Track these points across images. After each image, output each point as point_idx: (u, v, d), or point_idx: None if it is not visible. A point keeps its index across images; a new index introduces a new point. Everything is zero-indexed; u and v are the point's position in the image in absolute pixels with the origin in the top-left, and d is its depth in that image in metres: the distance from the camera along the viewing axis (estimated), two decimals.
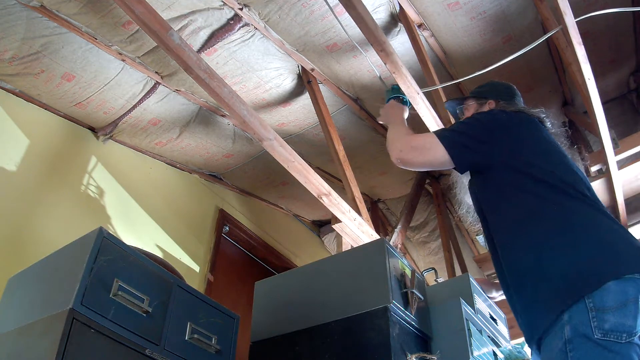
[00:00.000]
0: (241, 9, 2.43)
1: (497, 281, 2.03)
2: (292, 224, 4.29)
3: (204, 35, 2.50)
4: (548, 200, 1.30)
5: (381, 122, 1.84)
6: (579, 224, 1.24)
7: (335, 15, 2.28)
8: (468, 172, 1.56)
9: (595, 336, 1.07)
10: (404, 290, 1.65)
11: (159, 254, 2.81)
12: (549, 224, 1.26)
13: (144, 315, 1.41)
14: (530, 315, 1.26)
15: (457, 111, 1.91)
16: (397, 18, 2.63)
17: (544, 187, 1.32)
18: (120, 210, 2.77)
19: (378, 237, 2.58)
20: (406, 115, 1.93)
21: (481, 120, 1.53)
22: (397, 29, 2.68)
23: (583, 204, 1.28)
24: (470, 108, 1.79)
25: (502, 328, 2.19)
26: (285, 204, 4.13)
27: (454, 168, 1.50)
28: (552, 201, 1.29)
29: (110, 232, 1.43)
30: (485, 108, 1.73)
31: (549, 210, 1.28)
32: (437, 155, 1.48)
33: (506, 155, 1.42)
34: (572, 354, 1.09)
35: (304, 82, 2.92)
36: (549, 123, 1.58)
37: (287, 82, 2.92)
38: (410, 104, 2.40)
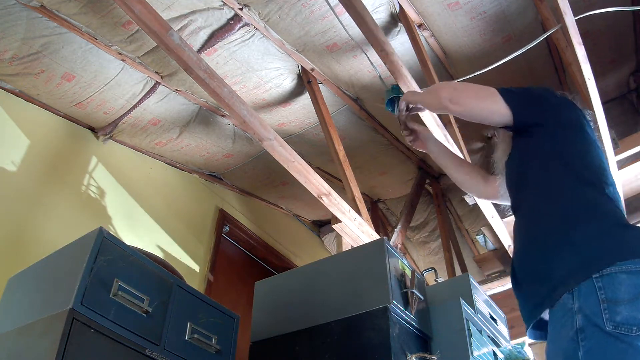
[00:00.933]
0: (241, 9, 2.43)
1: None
2: (292, 224, 4.29)
3: (204, 35, 2.50)
4: (584, 184, 1.31)
5: (404, 105, 1.78)
6: (600, 213, 1.26)
7: (335, 15, 2.28)
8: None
9: (607, 328, 1.07)
10: (404, 290, 1.65)
11: (159, 254, 2.81)
12: (574, 202, 1.29)
13: (144, 315, 1.41)
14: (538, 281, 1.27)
15: None
16: (397, 18, 2.63)
17: (582, 171, 1.34)
18: (120, 210, 2.77)
19: (378, 237, 2.58)
20: None
21: (538, 90, 1.54)
22: (397, 29, 2.68)
23: (609, 200, 1.31)
24: None
25: (502, 328, 2.19)
26: (285, 204, 4.13)
27: (505, 126, 1.48)
28: (586, 186, 1.31)
29: (110, 232, 1.43)
30: None
31: (580, 194, 1.30)
32: (494, 105, 1.45)
33: (555, 125, 1.43)
34: (584, 342, 1.09)
35: (304, 82, 2.92)
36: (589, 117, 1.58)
37: (287, 82, 2.92)
38: None
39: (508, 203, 1.60)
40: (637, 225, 2.93)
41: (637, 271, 1.11)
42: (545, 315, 1.25)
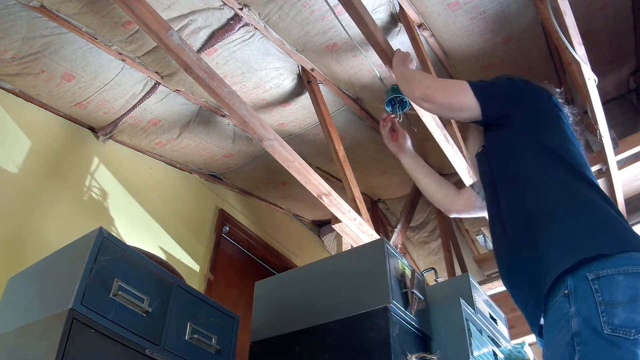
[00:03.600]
0: (241, 9, 2.43)
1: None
2: (292, 224, 4.29)
3: (204, 35, 2.50)
4: (559, 170, 1.30)
5: (394, 72, 1.83)
6: (583, 203, 1.24)
7: (335, 15, 2.28)
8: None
9: (605, 331, 1.05)
10: (404, 290, 1.65)
11: (159, 254, 2.80)
12: (556, 191, 1.26)
13: (144, 315, 1.41)
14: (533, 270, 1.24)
15: None
16: (397, 18, 2.63)
17: (556, 159, 1.32)
18: (120, 210, 2.77)
19: (378, 237, 2.59)
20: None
21: (511, 80, 1.53)
22: (397, 29, 2.68)
23: (591, 188, 1.28)
24: None
25: (502, 328, 2.19)
26: (285, 204, 4.13)
27: (476, 121, 1.48)
28: (561, 172, 1.29)
29: (110, 232, 1.43)
30: None
31: (557, 180, 1.28)
32: (463, 101, 1.45)
33: (528, 117, 1.41)
34: (580, 347, 1.06)
35: (304, 82, 2.92)
36: (564, 105, 1.55)
37: (287, 82, 2.92)
38: (410, 104, 2.40)
39: (482, 215, 1.58)
40: (636, 225, 2.94)
41: (634, 272, 1.09)
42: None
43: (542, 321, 1.22)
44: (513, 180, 1.36)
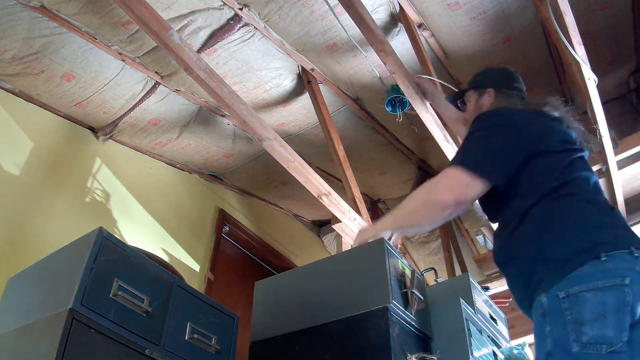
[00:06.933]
0: (241, 9, 2.43)
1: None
2: (292, 224, 4.29)
3: (204, 35, 2.50)
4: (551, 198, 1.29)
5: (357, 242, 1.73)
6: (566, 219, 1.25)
7: (335, 15, 2.28)
8: None
9: (574, 350, 1.05)
10: (404, 290, 1.65)
11: (159, 254, 2.80)
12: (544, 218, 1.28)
13: (144, 315, 1.41)
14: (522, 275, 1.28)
15: (459, 104, 1.90)
16: (397, 18, 2.63)
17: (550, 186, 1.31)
18: (120, 210, 2.77)
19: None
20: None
21: (493, 127, 1.44)
22: (397, 29, 2.68)
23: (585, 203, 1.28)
24: (471, 99, 1.75)
25: (502, 328, 2.19)
26: (285, 204, 4.13)
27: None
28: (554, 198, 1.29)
29: (110, 232, 1.43)
30: (485, 97, 1.69)
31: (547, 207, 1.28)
32: (472, 189, 1.34)
33: (525, 151, 1.37)
34: None
35: (304, 82, 2.92)
36: (556, 112, 1.48)
37: (287, 82, 2.92)
38: (410, 104, 2.40)
39: None
40: (636, 225, 2.94)
41: (604, 287, 1.08)
42: None
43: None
44: (512, 197, 1.36)
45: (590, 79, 2.26)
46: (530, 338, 3.11)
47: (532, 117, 1.46)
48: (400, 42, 2.72)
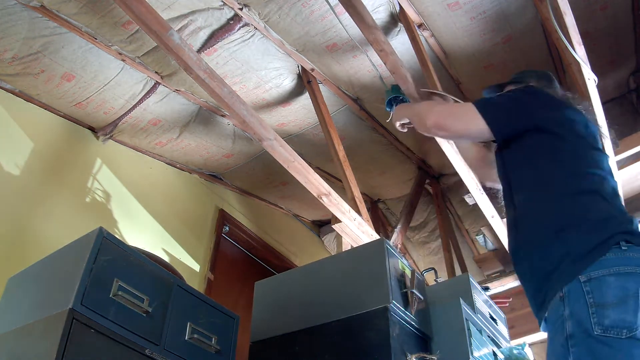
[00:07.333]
0: (241, 9, 2.43)
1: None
2: (292, 224, 4.29)
3: (204, 35, 2.50)
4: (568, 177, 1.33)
5: (397, 122, 1.90)
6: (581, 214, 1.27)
7: (335, 14, 2.28)
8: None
9: (595, 332, 1.07)
10: (404, 290, 1.65)
11: (159, 254, 2.80)
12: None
13: (144, 315, 1.41)
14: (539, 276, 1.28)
15: None
16: (397, 18, 2.63)
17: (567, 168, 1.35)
18: (120, 210, 2.77)
19: (378, 237, 2.58)
20: None
21: (523, 92, 1.55)
22: (397, 29, 2.68)
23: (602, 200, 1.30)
24: None
25: (502, 328, 2.19)
26: (285, 204, 4.13)
27: (492, 139, 1.52)
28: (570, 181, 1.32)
29: (110, 232, 1.43)
30: None
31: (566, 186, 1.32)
32: (474, 126, 1.49)
33: (537, 128, 1.44)
34: (574, 349, 1.10)
35: (304, 82, 2.92)
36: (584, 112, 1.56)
37: (287, 82, 2.92)
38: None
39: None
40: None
41: (626, 273, 1.11)
42: None
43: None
44: (527, 188, 1.40)
45: (590, 79, 2.26)
46: (530, 338, 3.11)
47: (559, 102, 1.52)
48: (400, 42, 2.72)
